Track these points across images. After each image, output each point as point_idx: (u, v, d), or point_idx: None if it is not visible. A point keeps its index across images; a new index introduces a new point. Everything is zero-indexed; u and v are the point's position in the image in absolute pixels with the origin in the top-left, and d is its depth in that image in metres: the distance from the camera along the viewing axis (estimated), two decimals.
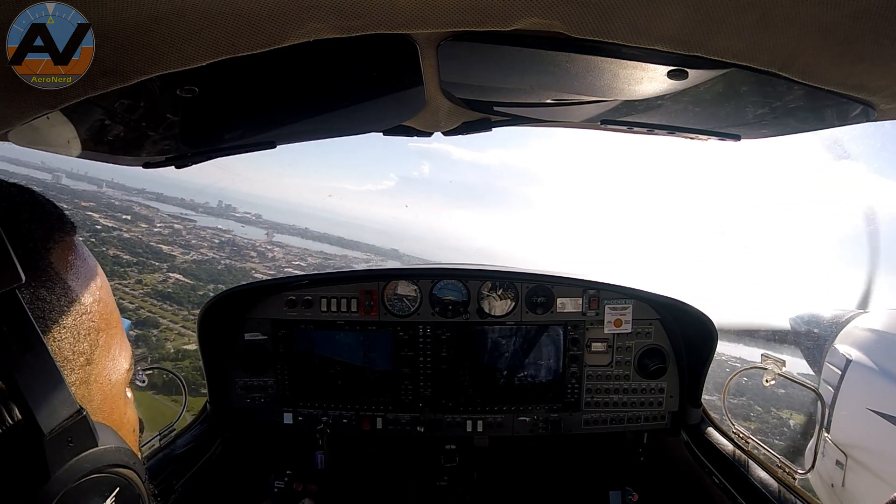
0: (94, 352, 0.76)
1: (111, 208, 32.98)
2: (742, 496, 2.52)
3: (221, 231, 34.23)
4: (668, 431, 3.29)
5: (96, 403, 0.76)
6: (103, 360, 0.78)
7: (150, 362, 2.71)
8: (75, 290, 0.75)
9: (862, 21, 0.88)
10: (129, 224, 31.14)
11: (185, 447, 2.74)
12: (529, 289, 3.20)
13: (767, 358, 2.63)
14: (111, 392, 0.80)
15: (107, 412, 0.78)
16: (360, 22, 0.97)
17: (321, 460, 3.30)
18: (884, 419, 4.15)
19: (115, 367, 0.81)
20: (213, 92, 1.35)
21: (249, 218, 39.39)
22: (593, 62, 1.30)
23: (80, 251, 0.80)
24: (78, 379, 0.73)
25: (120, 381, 0.82)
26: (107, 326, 0.80)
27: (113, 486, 0.71)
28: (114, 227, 29.89)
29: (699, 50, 1.02)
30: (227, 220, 37.26)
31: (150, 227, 32.11)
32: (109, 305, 0.83)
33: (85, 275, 0.78)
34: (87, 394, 0.75)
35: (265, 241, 33.27)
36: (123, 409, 0.84)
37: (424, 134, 1.86)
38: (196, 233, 32.99)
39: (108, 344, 0.80)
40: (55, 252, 0.74)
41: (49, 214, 0.78)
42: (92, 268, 0.81)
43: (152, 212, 34.77)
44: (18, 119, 1.09)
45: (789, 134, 1.64)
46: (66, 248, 0.77)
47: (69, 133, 1.44)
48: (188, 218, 35.41)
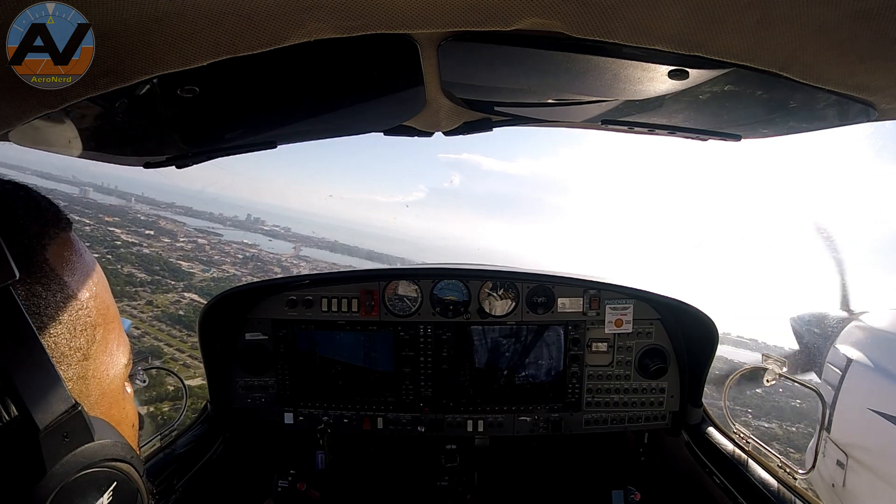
0: (92, 347, 0.77)
1: (136, 223, 32.74)
2: (743, 496, 2.52)
3: (247, 245, 33.90)
4: (668, 431, 3.29)
5: (94, 398, 0.77)
6: (101, 356, 0.79)
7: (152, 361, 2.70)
8: (71, 286, 0.75)
9: (862, 21, 0.88)
10: (151, 239, 30.86)
11: (186, 447, 2.75)
12: (530, 289, 3.20)
13: (768, 358, 2.63)
14: (109, 387, 0.80)
15: (105, 407, 0.79)
16: (361, 22, 0.97)
17: (322, 460, 3.30)
18: (884, 419, 4.14)
19: (113, 362, 0.81)
20: (213, 92, 1.35)
21: (278, 231, 39.10)
22: (594, 62, 1.30)
23: (77, 247, 0.80)
24: (75, 374, 0.74)
25: (118, 376, 0.83)
26: (104, 322, 0.80)
27: (110, 481, 0.71)
28: (134, 242, 29.56)
29: (700, 50, 1.02)
30: (254, 233, 36.97)
31: (173, 242, 31.79)
32: (106, 301, 0.83)
33: (81, 271, 0.79)
34: (85, 389, 0.75)
35: (292, 255, 32.93)
36: (122, 404, 0.84)
37: (425, 134, 1.86)
38: (220, 247, 32.70)
39: (105, 339, 0.80)
40: (51, 248, 0.75)
41: (44, 211, 0.79)
42: (88, 264, 0.81)
43: (178, 226, 34.42)
44: (19, 119, 1.09)
45: (790, 134, 1.64)
46: (62, 245, 0.77)
47: (70, 133, 1.44)
48: (214, 232, 35.08)
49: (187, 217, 36.18)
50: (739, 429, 2.81)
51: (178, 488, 2.53)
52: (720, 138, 1.69)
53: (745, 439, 2.74)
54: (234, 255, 31.41)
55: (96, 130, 1.50)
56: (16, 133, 1.20)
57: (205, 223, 35.91)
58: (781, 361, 2.59)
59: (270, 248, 34.39)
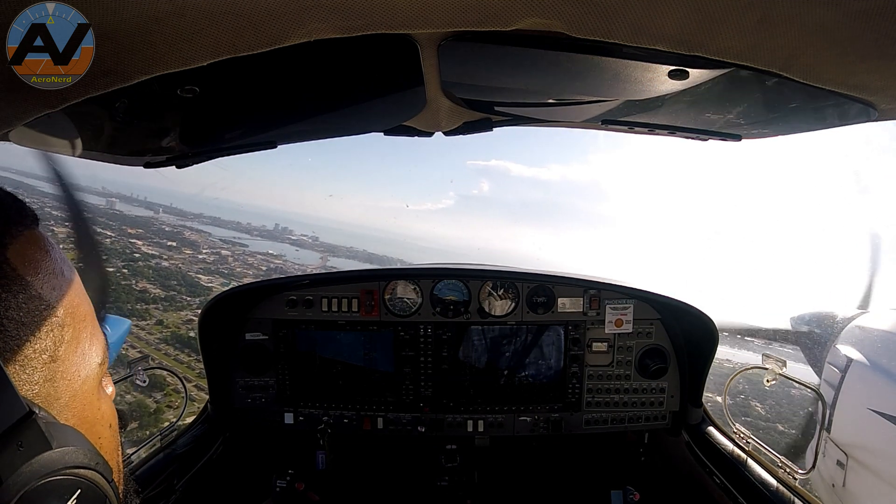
0: (60, 348, 0.74)
1: (159, 234, 31.77)
2: (743, 496, 2.52)
3: (272, 256, 32.90)
4: (669, 431, 3.29)
5: (64, 401, 0.74)
6: (70, 356, 0.76)
7: (152, 361, 2.71)
8: (35, 286, 0.72)
9: (863, 21, 0.88)
10: (173, 251, 30.10)
11: (186, 447, 2.75)
12: (530, 289, 3.20)
13: (768, 358, 2.63)
14: (81, 388, 0.77)
15: (77, 409, 0.76)
16: (361, 22, 0.97)
17: (322, 460, 3.30)
18: (885, 419, 4.15)
19: (84, 362, 0.78)
20: (213, 92, 1.35)
21: (305, 241, 38.34)
22: (594, 62, 1.30)
23: (42, 244, 0.78)
24: (41, 377, 0.71)
25: (91, 376, 0.80)
26: (73, 321, 0.77)
27: (73, 489, 0.69)
28: (154, 254, 28.82)
29: (700, 50, 1.02)
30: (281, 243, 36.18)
31: (195, 254, 31.06)
32: (76, 298, 0.80)
33: (46, 269, 0.76)
34: (53, 392, 0.72)
35: (318, 265, 32.27)
36: (97, 404, 0.81)
37: (425, 134, 1.86)
38: (244, 259, 31.83)
39: (75, 338, 0.77)
40: (12, 247, 0.72)
41: (6, 208, 0.76)
42: (56, 261, 0.79)
43: (203, 237, 33.46)
44: (19, 119, 1.09)
45: (790, 134, 1.64)
46: (26, 243, 0.74)
47: (71, 133, 1.44)
48: (240, 242, 34.09)
49: (214, 227, 35.52)
50: (739, 429, 2.80)
51: (178, 488, 2.54)
52: (720, 138, 1.69)
53: (745, 439, 2.74)
54: (257, 267, 30.78)
55: (97, 130, 1.50)
56: (16, 133, 1.19)
57: (231, 233, 35.32)
58: (782, 361, 2.59)
59: (296, 259, 33.80)
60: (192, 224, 34.47)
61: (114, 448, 0.85)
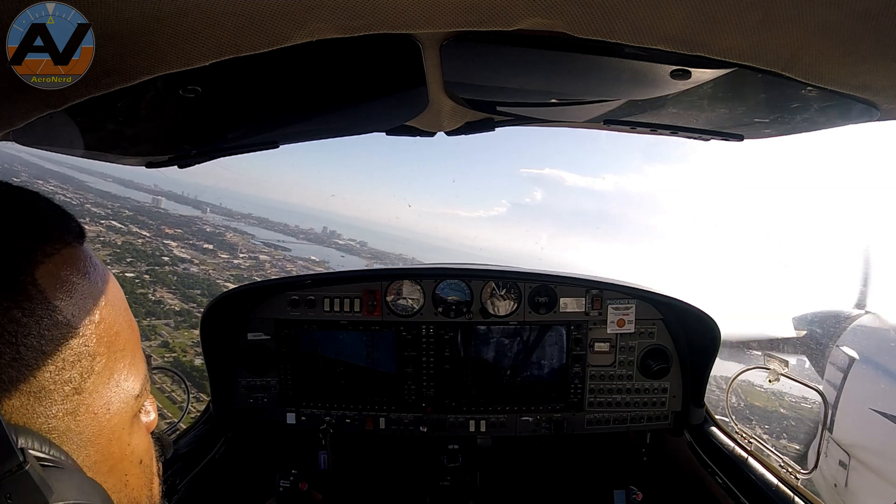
0: (88, 380, 0.67)
1: (197, 235, 30.05)
2: (745, 496, 2.52)
3: (314, 262, 31.31)
4: (671, 431, 3.29)
5: (87, 436, 0.68)
6: (100, 389, 0.69)
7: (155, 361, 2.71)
8: (63, 311, 0.65)
9: (865, 21, 0.88)
10: (207, 255, 28.33)
11: (189, 447, 2.75)
12: (532, 289, 3.20)
13: (771, 358, 2.62)
14: (109, 423, 0.70)
15: (101, 445, 0.70)
16: (363, 22, 0.97)
17: (324, 460, 3.30)
18: (887, 419, 4.14)
19: (117, 394, 0.71)
20: (215, 92, 1.35)
21: (353, 246, 36.79)
22: (596, 62, 1.29)
23: (81, 265, 0.70)
24: (62, 410, 0.64)
25: (123, 409, 0.73)
26: (108, 351, 0.71)
27: None
28: (185, 258, 27.03)
29: (702, 50, 1.02)
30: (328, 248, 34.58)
31: (231, 259, 29.21)
32: (115, 325, 0.73)
33: (82, 292, 0.69)
34: (74, 425, 0.66)
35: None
36: (126, 440, 0.74)
37: (427, 134, 1.86)
38: (282, 265, 30.02)
39: (109, 369, 0.71)
40: (43, 267, 0.65)
41: (45, 224, 0.69)
42: (95, 283, 0.72)
43: (245, 239, 31.26)
44: (22, 119, 1.09)
45: (792, 134, 1.63)
46: (62, 262, 0.67)
47: (74, 133, 1.44)
48: (282, 246, 31.97)
49: (260, 228, 34.12)
50: (742, 429, 2.80)
51: (181, 488, 2.54)
52: (722, 138, 1.68)
53: (747, 439, 2.74)
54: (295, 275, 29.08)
55: (99, 130, 1.50)
56: (18, 132, 1.20)
57: (276, 236, 33.87)
58: (784, 361, 2.59)
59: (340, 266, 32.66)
60: (236, 225, 33.10)
61: (142, 485, 0.78)
